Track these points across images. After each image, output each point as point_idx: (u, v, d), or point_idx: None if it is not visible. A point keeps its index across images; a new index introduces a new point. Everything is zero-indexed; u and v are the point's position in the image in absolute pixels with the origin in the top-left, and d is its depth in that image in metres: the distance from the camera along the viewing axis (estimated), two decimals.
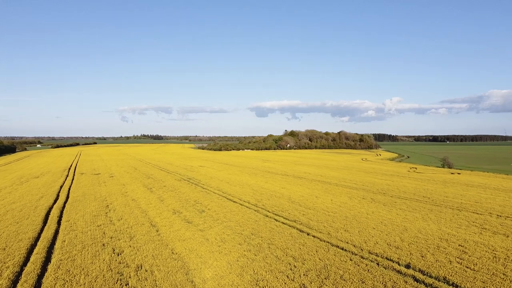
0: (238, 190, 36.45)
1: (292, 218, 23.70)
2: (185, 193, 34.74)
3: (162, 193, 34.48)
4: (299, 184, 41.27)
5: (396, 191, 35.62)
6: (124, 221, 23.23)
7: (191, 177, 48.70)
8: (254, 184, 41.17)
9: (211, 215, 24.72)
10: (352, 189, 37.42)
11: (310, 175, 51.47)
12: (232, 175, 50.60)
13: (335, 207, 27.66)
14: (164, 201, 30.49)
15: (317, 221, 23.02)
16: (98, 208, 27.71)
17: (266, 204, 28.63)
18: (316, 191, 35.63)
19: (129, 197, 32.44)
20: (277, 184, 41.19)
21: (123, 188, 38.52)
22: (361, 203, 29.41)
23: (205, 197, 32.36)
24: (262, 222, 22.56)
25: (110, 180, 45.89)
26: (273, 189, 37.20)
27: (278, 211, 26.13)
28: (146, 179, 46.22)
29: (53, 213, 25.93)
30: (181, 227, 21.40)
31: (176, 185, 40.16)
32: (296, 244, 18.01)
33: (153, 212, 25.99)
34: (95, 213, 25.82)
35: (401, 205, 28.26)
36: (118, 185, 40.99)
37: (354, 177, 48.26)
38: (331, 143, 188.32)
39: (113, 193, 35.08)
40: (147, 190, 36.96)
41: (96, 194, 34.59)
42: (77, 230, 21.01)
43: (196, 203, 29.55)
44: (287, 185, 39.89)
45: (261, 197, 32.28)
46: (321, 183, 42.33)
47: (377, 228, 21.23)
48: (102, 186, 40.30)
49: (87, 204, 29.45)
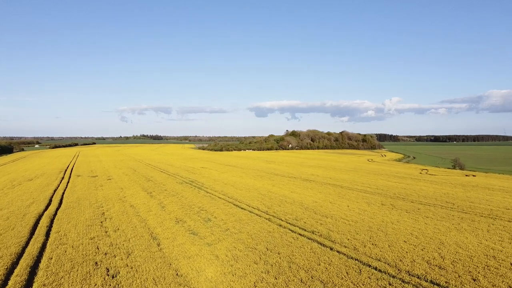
0: (245, 194, 33.88)
1: (309, 229, 21.15)
2: (188, 198, 32.17)
3: (163, 198, 31.91)
4: (309, 187, 38.70)
5: (415, 196, 33.08)
6: (121, 232, 20.65)
7: (193, 179, 46.13)
8: (261, 187, 38.61)
9: (218, 225, 22.14)
10: (367, 193, 34.87)
11: (318, 177, 48.92)
12: (236, 178, 48.03)
13: (354, 215, 25.10)
14: (166, 207, 27.91)
15: (338, 232, 20.47)
16: (92, 216, 25.11)
17: (278, 211, 26.07)
18: (329, 196, 33.08)
19: (127, 203, 29.85)
20: (286, 187, 38.62)
21: (121, 192, 35.93)
22: (381, 210, 26.86)
23: (210, 202, 29.79)
24: (277, 234, 20.00)
25: (108, 183, 43.29)
26: (282, 193, 34.64)
27: (292, 219, 23.57)
28: (146, 182, 43.64)
29: (43, 222, 23.33)
30: (185, 240, 18.82)
31: (177, 189, 37.59)
32: (321, 263, 15.45)
33: (153, 221, 23.40)
34: (89, 222, 23.23)
35: (426, 213, 25.71)
36: (115, 189, 38.39)
37: (365, 180, 45.71)
38: (334, 144, 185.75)
39: (110, 198, 32.49)
40: (147, 194, 34.38)
41: (91, 199, 31.99)
42: (67, 244, 18.42)
43: (201, 210, 26.98)
44: (297, 189, 37.33)
45: (270, 202, 29.73)
46: (333, 186, 39.77)
47: (408, 241, 18.68)
48: (99, 190, 37.70)
49: (81, 211, 26.86)
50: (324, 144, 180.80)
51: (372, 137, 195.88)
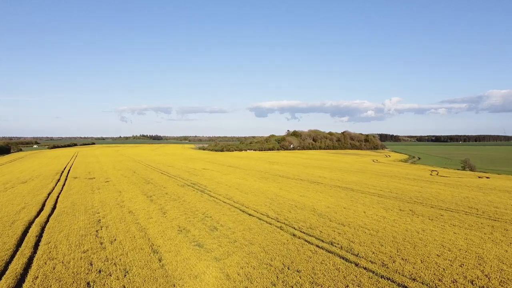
0: (251, 199, 31.75)
1: (327, 239, 19.04)
2: (191, 202, 30.03)
3: (164, 203, 29.77)
4: (318, 191, 36.58)
5: (433, 200, 30.98)
6: (118, 244, 18.51)
7: (195, 182, 43.99)
8: (267, 191, 36.48)
9: (226, 235, 20.02)
10: (381, 197, 32.76)
11: (326, 179, 46.80)
12: (240, 180, 45.90)
13: (373, 222, 22.99)
14: (167, 213, 25.78)
15: (360, 243, 18.35)
16: (87, 224, 22.97)
17: (289, 218, 23.95)
18: (341, 200, 30.96)
19: (125, 209, 27.71)
20: (294, 191, 36.50)
21: (119, 196, 33.78)
22: (401, 216, 24.74)
23: (214, 208, 27.66)
24: (292, 246, 17.88)
25: (106, 186, 41.13)
26: (291, 197, 32.52)
27: (306, 228, 21.46)
28: (146, 185, 41.49)
29: (32, 231, 21.19)
30: (190, 255, 16.69)
31: (179, 192, 35.46)
32: (348, 284, 13.34)
33: (154, 230, 21.27)
34: (83, 231, 21.08)
35: (451, 220, 23.60)
36: (113, 192, 36.24)
37: (376, 182, 43.59)
38: (336, 144, 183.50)
39: (108, 202, 30.34)
40: (146, 198, 32.24)
41: (87, 204, 29.84)
42: (56, 259, 16.28)
43: (206, 216, 24.85)
44: (306, 193, 35.21)
45: (280, 208, 27.60)
46: (343, 189, 37.64)
47: (442, 255, 16.56)
48: (96, 193, 35.55)
49: (75, 218, 24.71)
50: (326, 144, 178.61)
51: (374, 137, 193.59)
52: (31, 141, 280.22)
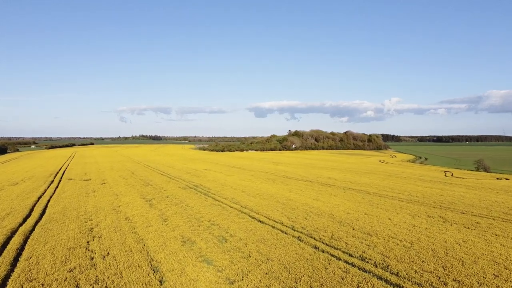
0: (260, 203, 28.95)
1: (356, 253, 16.27)
2: (195, 207, 27.24)
3: (165, 208, 26.97)
4: (332, 194, 33.80)
5: (460, 205, 28.21)
6: (112, 259, 15.71)
7: (198, 184, 41.18)
8: (277, 194, 33.69)
9: (237, 248, 17.23)
10: (402, 201, 29.99)
11: (337, 181, 44.01)
12: (246, 182, 43.09)
13: (403, 231, 20.21)
14: (168, 220, 22.98)
15: (396, 259, 15.57)
16: (78, 233, 20.17)
17: (307, 227, 21.17)
18: (360, 205, 28.18)
19: (122, 215, 24.89)
20: (306, 194, 33.71)
21: (115, 200, 30.97)
22: (432, 224, 21.97)
23: (221, 214, 24.86)
24: (318, 262, 15.10)
25: (102, 188, 38.31)
26: (304, 201, 29.74)
27: (328, 239, 18.69)
28: (145, 187, 38.67)
29: (14, 242, 18.38)
30: (198, 274, 13.90)
31: (181, 196, 32.67)
32: None
33: (153, 241, 18.47)
34: (72, 243, 18.28)
35: (491, 229, 20.82)
36: (110, 195, 33.43)
37: (390, 184, 40.81)
38: (339, 144, 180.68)
39: (102, 207, 27.53)
40: (145, 203, 29.43)
41: (80, 209, 27.02)
42: (36, 280, 13.50)
43: (212, 224, 22.06)
44: (319, 196, 32.42)
45: (294, 214, 24.82)
46: (358, 192, 34.86)
47: (500, 275, 13.80)
48: (90, 197, 32.73)
49: (65, 226, 21.90)
50: (329, 144, 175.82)
51: (377, 137, 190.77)
52: (29, 141, 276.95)
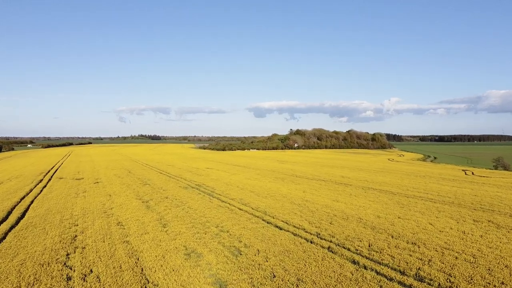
0: (274, 204, 25.25)
1: (410, 271, 12.61)
2: (198, 210, 23.52)
3: (164, 211, 23.25)
4: (352, 194, 30.11)
5: (504, 207, 24.56)
6: (95, 281, 12.01)
7: (200, 183, 37.45)
8: (289, 194, 30.00)
9: (256, 263, 13.53)
10: (435, 202, 26.30)
11: (352, 180, 40.32)
12: (253, 181, 39.38)
13: (454, 240, 16.53)
14: (168, 226, 19.27)
15: (466, 279, 11.92)
16: (57, 243, 16.44)
17: (336, 234, 17.48)
18: (389, 207, 24.49)
19: (113, 219, 21.16)
20: (322, 194, 30.01)
21: (108, 201, 27.24)
22: (487, 231, 18.28)
23: (230, 218, 21.16)
24: (366, 286, 11.40)
25: (94, 188, 34.56)
26: (323, 202, 26.05)
27: (367, 250, 15.03)
28: (142, 187, 34.92)
29: None
30: None
31: (182, 196, 28.96)
32: None
33: (150, 253, 14.77)
34: (48, 256, 14.56)
35: None
36: (102, 195, 29.69)
37: (413, 183, 37.14)
38: (342, 143, 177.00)
39: (92, 210, 23.79)
40: (141, 204, 25.70)
41: (65, 212, 23.27)
42: None
43: (221, 230, 18.37)
44: (338, 196, 28.73)
45: (315, 218, 21.13)
46: (381, 192, 31.18)
47: None
48: (80, 197, 28.98)
49: (44, 233, 18.17)
50: (332, 143, 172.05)
51: (381, 136, 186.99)
52: (26, 141, 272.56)
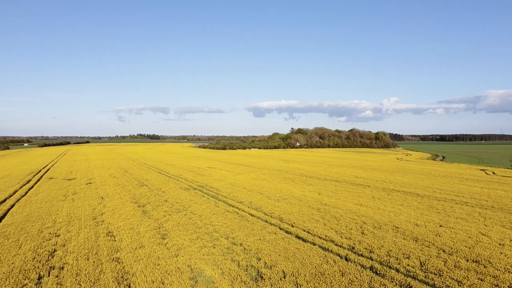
0: (289, 209, 21.91)
1: None
2: (203, 216, 20.18)
3: (163, 217, 19.89)
4: (375, 196, 26.79)
5: None
6: None
7: (203, 183, 34.09)
8: (304, 196, 26.66)
9: None
10: (473, 206, 23.00)
11: (368, 180, 37.00)
12: (260, 181, 36.03)
13: None
14: (168, 237, 15.93)
15: None
16: (30, 260, 13.11)
17: (374, 249, 14.19)
18: (423, 212, 21.18)
19: (103, 227, 17.80)
20: (341, 196, 26.68)
21: (99, 205, 23.86)
22: None
23: (241, 226, 17.83)
24: None
25: (85, 189, 31.17)
26: (345, 206, 22.73)
27: (421, 271, 11.78)
28: (138, 188, 31.54)
29: None
30: None
31: (183, 199, 25.61)
32: None
33: (145, 277, 11.44)
34: (13, 281, 11.21)
35: None
36: (93, 198, 26.32)
37: (436, 184, 33.85)
38: (345, 142, 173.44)
39: (79, 216, 20.42)
40: (137, 209, 22.33)
41: (47, 219, 19.90)
42: None
43: (232, 243, 15.05)
44: (360, 199, 25.42)
45: (342, 226, 17.83)
46: (406, 194, 27.87)
47: None
48: (68, 201, 25.59)
49: (15, 247, 14.81)
50: (335, 142, 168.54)
51: (384, 134, 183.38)
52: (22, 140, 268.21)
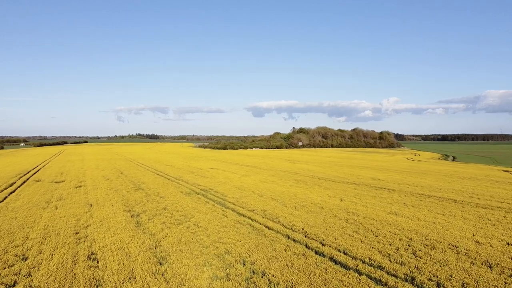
0: (312, 221, 18.21)
1: None
2: (210, 229, 16.48)
3: (161, 232, 16.17)
4: (407, 203, 23.11)
5: None
6: None
7: (207, 187, 30.38)
8: (325, 203, 22.97)
9: None
10: None
11: (389, 183, 33.35)
12: (270, 184, 32.34)
13: None
14: (167, 263, 12.24)
15: None
16: None
17: (443, 279, 10.59)
18: (476, 225, 17.52)
19: (84, 247, 14.06)
20: (367, 203, 23.00)
21: (85, 214, 20.13)
22: None
23: (259, 245, 14.14)
24: None
25: (73, 194, 27.43)
26: (378, 216, 19.06)
27: None
28: (134, 192, 27.81)
29: None
30: None
31: (185, 206, 21.89)
32: None
33: None
34: None
35: None
36: (80, 205, 22.58)
37: (470, 188, 30.22)
38: (348, 141, 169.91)
39: (58, 230, 16.68)
40: (130, 220, 18.59)
41: (19, 233, 16.15)
42: None
43: (253, 272, 11.37)
44: (392, 207, 21.74)
45: (385, 245, 14.18)
46: (441, 200, 24.21)
47: None
48: (50, 208, 21.84)
49: None
50: (338, 142, 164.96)
51: (389, 134, 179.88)
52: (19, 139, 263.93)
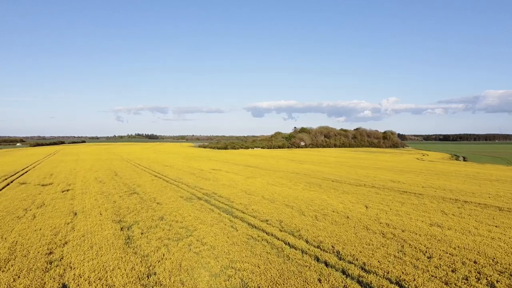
0: (342, 235, 14.88)
1: None
2: (217, 249, 13.12)
3: (156, 252, 12.81)
4: (445, 211, 19.77)
5: None
6: None
7: (210, 191, 26.98)
8: (349, 211, 19.62)
9: None
10: None
11: (411, 186, 30.02)
12: (279, 187, 28.97)
13: None
14: None
15: None
16: None
17: None
18: None
19: (55, 274, 10.67)
20: (401, 211, 19.66)
21: (66, 226, 16.75)
22: None
23: (283, 273, 10.79)
24: None
25: (58, 199, 24.02)
26: (422, 230, 15.74)
27: None
28: (127, 198, 24.41)
29: None
30: None
31: (186, 216, 18.52)
32: None
33: None
34: None
35: None
36: (62, 214, 19.19)
37: (506, 193, 26.94)
38: (352, 141, 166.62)
39: (27, 248, 13.31)
40: (119, 235, 15.21)
41: None
42: None
43: None
44: (431, 216, 18.39)
45: (450, 274, 10.89)
46: (483, 207, 20.88)
47: None
48: (27, 218, 18.45)
49: None
50: (341, 141, 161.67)
51: (393, 134, 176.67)
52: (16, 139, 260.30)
